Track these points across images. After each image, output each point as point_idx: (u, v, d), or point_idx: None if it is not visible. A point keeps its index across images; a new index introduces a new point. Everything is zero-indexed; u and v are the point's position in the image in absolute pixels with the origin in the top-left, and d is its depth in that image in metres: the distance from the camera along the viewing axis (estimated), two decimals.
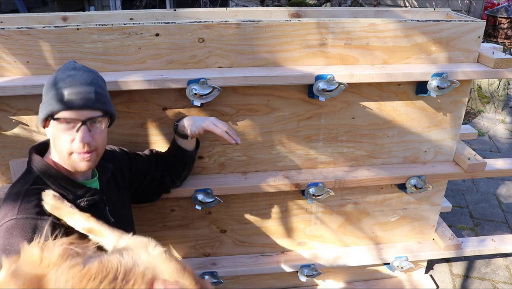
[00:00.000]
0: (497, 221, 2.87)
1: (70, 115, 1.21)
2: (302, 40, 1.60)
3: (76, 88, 1.21)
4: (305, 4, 6.13)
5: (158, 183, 1.65)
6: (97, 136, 1.26)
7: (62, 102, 1.20)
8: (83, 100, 1.22)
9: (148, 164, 1.62)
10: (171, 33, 1.53)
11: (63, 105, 1.20)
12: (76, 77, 1.23)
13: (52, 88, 1.23)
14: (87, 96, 1.22)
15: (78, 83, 1.22)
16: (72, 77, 1.23)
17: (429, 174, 1.86)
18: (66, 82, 1.22)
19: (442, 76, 1.61)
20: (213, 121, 1.55)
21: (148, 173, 1.61)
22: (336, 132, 1.80)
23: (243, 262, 2.03)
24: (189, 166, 1.70)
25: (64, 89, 1.21)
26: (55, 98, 1.21)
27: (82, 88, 1.22)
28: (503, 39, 6.31)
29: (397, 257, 2.07)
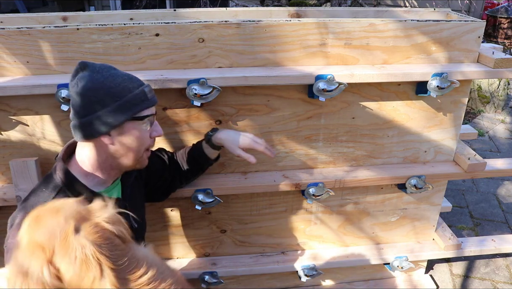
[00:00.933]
0: (497, 221, 2.87)
1: (151, 112, 1.27)
2: (302, 40, 1.60)
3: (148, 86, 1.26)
4: (305, 4, 6.13)
5: (168, 184, 1.66)
6: None
7: (147, 100, 1.24)
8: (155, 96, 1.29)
9: (163, 165, 1.62)
10: (171, 33, 1.53)
11: (149, 103, 1.25)
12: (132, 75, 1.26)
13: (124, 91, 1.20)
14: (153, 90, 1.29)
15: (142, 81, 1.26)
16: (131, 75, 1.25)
17: (429, 174, 1.86)
18: (138, 81, 1.24)
19: (442, 76, 1.61)
20: (253, 139, 1.57)
21: (163, 174, 1.61)
22: (336, 132, 1.80)
23: (243, 262, 2.03)
24: (203, 171, 1.72)
25: (144, 87, 1.24)
26: (138, 98, 1.22)
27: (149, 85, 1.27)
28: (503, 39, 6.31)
29: (397, 257, 2.07)
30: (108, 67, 1.23)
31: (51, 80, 1.50)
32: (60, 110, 1.52)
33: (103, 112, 1.18)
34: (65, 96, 1.47)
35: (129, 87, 1.21)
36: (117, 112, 1.19)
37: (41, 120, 1.61)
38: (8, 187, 1.71)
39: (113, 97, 1.18)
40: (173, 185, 1.68)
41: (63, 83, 1.46)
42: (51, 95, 1.49)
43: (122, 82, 1.20)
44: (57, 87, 1.47)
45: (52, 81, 1.49)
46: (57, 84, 1.47)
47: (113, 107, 1.18)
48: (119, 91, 1.19)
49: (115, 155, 1.26)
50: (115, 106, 1.18)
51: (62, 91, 1.46)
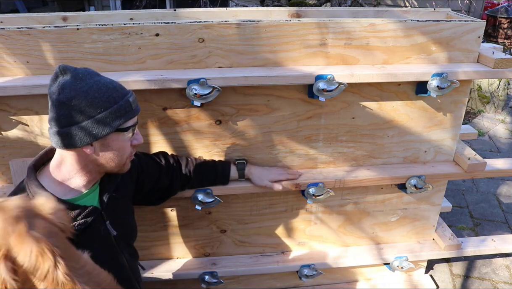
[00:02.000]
0: (497, 221, 2.87)
1: (135, 122, 1.25)
2: (302, 40, 1.60)
3: (132, 95, 1.23)
4: (305, 4, 6.13)
5: (166, 189, 1.65)
6: None
7: (131, 110, 1.21)
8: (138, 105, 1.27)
9: (159, 170, 1.61)
10: (171, 33, 1.53)
11: (133, 113, 1.22)
12: (117, 83, 1.21)
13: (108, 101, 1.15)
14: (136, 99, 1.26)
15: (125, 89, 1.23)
16: (115, 83, 1.20)
17: (429, 174, 1.86)
18: (122, 90, 1.20)
19: (442, 76, 1.61)
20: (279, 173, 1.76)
21: (158, 178, 1.61)
22: (336, 132, 1.80)
23: (243, 262, 2.03)
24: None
25: (125, 97, 1.19)
26: (123, 109, 1.18)
27: (133, 93, 1.24)
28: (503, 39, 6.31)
29: (397, 257, 2.07)
30: (91, 74, 1.18)
31: None
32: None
33: (86, 123, 1.13)
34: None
35: (114, 97, 1.16)
36: (100, 124, 1.15)
37: (41, 120, 1.61)
38: (8, 187, 1.71)
39: (97, 108, 1.13)
40: (172, 190, 1.67)
41: None
42: None
43: (107, 92, 1.15)
44: None
45: None
46: None
47: (97, 118, 1.14)
48: (103, 102, 1.14)
49: (95, 162, 1.24)
50: (99, 118, 1.14)
51: None
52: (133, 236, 1.55)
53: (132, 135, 1.27)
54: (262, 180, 1.73)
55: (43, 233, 0.87)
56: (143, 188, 1.59)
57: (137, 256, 1.58)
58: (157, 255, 2.01)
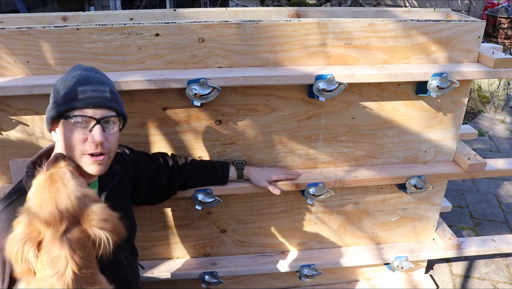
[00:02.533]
0: (497, 221, 2.87)
1: (84, 113, 1.17)
2: (302, 40, 1.60)
3: (91, 86, 1.19)
4: (305, 4, 6.13)
5: (165, 189, 1.65)
6: (110, 138, 1.22)
7: (76, 99, 1.17)
8: (99, 99, 1.19)
9: (157, 169, 1.61)
10: (171, 33, 1.53)
11: (77, 103, 1.16)
12: (90, 76, 1.22)
13: (63, 87, 1.19)
14: (103, 94, 1.20)
15: (93, 81, 1.20)
16: (86, 76, 1.21)
17: (429, 174, 1.86)
18: (79, 81, 1.19)
19: (442, 76, 1.61)
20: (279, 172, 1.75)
21: (155, 178, 1.61)
22: (336, 132, 1.80)
23: (243, 262, 2.03)
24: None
25: (79, 86, 1.18)
26: (68, 96, 1.17)
27: (97, 87, 1.20)
28: (503, 39, 6.30)
29: (397, 257, 2.07)
30: (81, 68, 1.25)
31: (51, 80, 1.49)
32: None
33: (49, 107, 1.23)
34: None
35: (68, 85, 1.19)
36: (50, 109, 1.22)
37: (41, 120, 1.61)
38: (8, 187, 1.71)
39: (52, 95, 1.22)
40: (170, 190, 1.68)
41: None
42: None
43: (67, 81, 1.20)
44: None
45: (52, 81, 1.47)
46: None
47: (52, 102, 1.22)
48: (56, 90, 1.22)
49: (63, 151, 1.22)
50: (52, 101, 1.22)
51: None
52: (133, 234, 1.55)
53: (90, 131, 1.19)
54: (261, 180, 1.73)
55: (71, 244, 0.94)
56: (141, 187, 1.59)
57: (137, 255, 1.57)
58: (157, 255, 2.01)
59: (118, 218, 1.03)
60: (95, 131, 1.18)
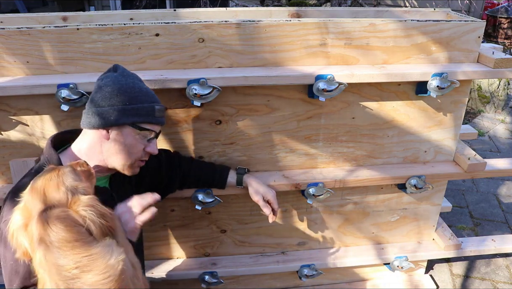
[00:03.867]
0: (497, 221, 2.87)
1: (153, 128, 1.35)
2: (302, 40, 1.60)
3: (161, 106, 1.35)
4: (305, 4, 6.13)
5: (165, 185, 1.66)
6: None
7: (152, 116, 1.32)
8: (164, 119, 1.39)
9: (158, 164, 1.62)
10: (171, 33, 1.53)
11: (152, 119, 1.32)
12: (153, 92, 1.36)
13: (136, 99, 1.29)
14: (164, 114, 1.39)
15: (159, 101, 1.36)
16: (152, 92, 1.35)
17: (429, 174, 1.86)
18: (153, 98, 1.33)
19: (442, 76, 1.61)
20: (274, 197, 1.69)
21: (158, 174, 1.62)
22: (336, 132, 1.80)
23: (243, 262, 2.03)
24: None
25: (155, 104, 1.33)
26: (145, 110, 1.30)
27: (164, 107, 1.38)
28: (503, 39, 6.30)
29: (397, 257, 2.07)
30: (136, 77, 1.34)
31: (51, 80, 1.50)
32: (60, 110, 1.52)
33: (108, 109, 1.27)
34: (65, 96, 1.47)
35: (142, 99, 1.30)
36: (120, 113, 1.27)
37: (41, 120, 1.61)
38: (8, 187, 1.71)
39: (123, 100, 1.27)
40: (170, 187, 1.68)
41: (63, 83, 1.46)
42: (51, 95, 1.49)
43: (138, 93, 1.30)
44: (57, 87, 1.47)
45: (52, 81, 1.49)
46: (57, 84, 1.47)
47: (119, 108, 1.27)
48: (130, 98, 1.28)
49: (107, 152, 1.32)
50: (121, 108, 1.27)
51: (62, 91, 1.46)
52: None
53: (148, 142, 1.36)
54: (257, 194, 1.69)
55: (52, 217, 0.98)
56: (143, 181, 1.60)
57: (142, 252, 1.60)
58: (157, 255, 2.01)
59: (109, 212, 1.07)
60: (154, 144, 1.38)
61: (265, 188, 1.70)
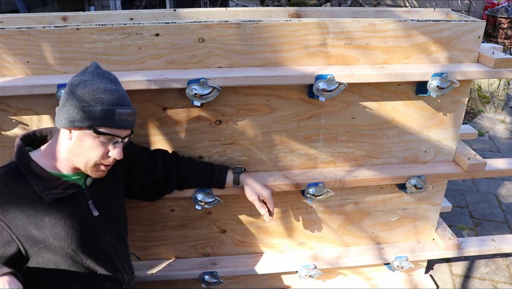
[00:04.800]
0: (497, 221, 2.87)
1: (114, 132, 1.28)
2: (302, 40, 1.60)
3: (125, 109, 1.28)
4: (305, 4, 6.13)
5: (161, 185, 1.66)
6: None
7: (112, 120, 1.25)
8: (129, 122, 1.30)
9: (153, 163, 1.62)
10: (171, 33, 1.53)
11: (112, 123, 1.26)
12: (122, 95, 1.29)
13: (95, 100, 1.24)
14: (132, 118, 1.31)
15: (126, 102, 1.29)
16: (119, 95, 1.28)
17: (429, 174, 1.86)
18: (115, 101, 1.26)
19: (442, 76, 1.61)
20: (269, 196, 1.69)
21: (151, 172, 1.62)
22: (336, 132, 1.80)
23: (243, 262, 2.03)
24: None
25: (116, 108, 1.26)
26: (104, 114, 1.24)
27: (130, 110, 1.29)
28: (503, 39, 6.31)
29: (397, 257, 2.07)
30: (108, 77, 1.28)
31: (51, 80, 1.50)
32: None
33: (70, 109, 1.24)
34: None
35: (105, 101, 1.24)
36: (79, 115, 1.24)
37: (40, 120, 1.61)
38: None
39: (83, 101, 1.24)
40: (166, 188, 1.68)
41: (63, 83, 1.46)
42: (51, 95, 1.49)
43: (102, 94, 1.24)
44: (57, 87, 1.47)
45: (52, 81, 1.49)
46: (57, 84, 1.47)
47: (80, 109, 1.23)
48: (91, 100, 1.24)
49: (69, 152, 1.30)
50: (81, 109, 1.23)
51: (62, 91, 1.46)
52: (120, 221, 1.56)
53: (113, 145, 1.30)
54: (252, 194, 1.69)
55: None
56: (135, 179, 1.60)
57: (125, 243, 1.58)
58: (157, 255, 2.01)
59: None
60: (118, 150, 1.31)
61: (261, 187, 1.69)
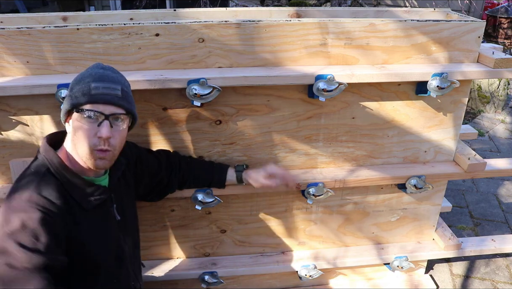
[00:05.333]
0: (497, 221, 2.87)
1: (95, 108, 1.22)
2: (302, 40, 1.60)
3: (104, 84, 1.24)
4: (305, 4, 6.13)
5: (165, 186, 1.67)
6: (117, 135, 1.27)
7: (88, 94, 1.22)
8: (110, 96, 1.24)
9: (158, 165, 1.63)
10: (171, 33, 1.53)
11: (89, 98, 1.22)
12: (105, 75, 1.27)
13: (79, 82, 1.25)
14: (114, 92, 1.25)
15: (106, 79, 1.26)
16: (101, 74, 1.27)
17: (429, 174, 1.86)
18: (94, 77, 1.24)
19: (442, 76, 1.61)
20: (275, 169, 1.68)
21: (158, 174, 1.62)
22: (336, 132, 1.80)
23: (243, 262, 2.03)
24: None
25: (92, 83, 1.23)
26: (81, 91, 1.23)
27: (110, 84, 1.25)
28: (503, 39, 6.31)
29: (397, 257, 2.07)
30: (100, 67, 1.29)
31: (51, 80, 1.50)
32: (60, 110, 1.52)
33: (66, 98, 1.28)
34: (65, 96, 1.47)
35: (83, 81, 1.25)
36: (67, 100, 1.25)
37: (41, 120, 1.61)
38: (8, 187, 1.71)
39: (71, 87, 1.27)
40: (169, 187, 1.68)
41: (63, 83, 1.46)
42: (51, 95, 1.49)
43: (84, 77, 1.26)
44: (57, 87, 1.47)
45: (52, 81, 1.49)
46: (57, 84, 1.47)
47: (68, 95, 1.26)
48: (74, 84, 1.26)
49: (73, 146, 1.27)
50: (68, 94, 1.26)
51: (62, 91, 1.46)
52: (135, 227, 1.59)
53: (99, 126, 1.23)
54: (258, 178, 1.67)
55: None
56: (141, 182, 1.60)
57: (139, 250, 1.61)
58: (157, 255, 2.01)
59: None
60: (103, 127, 1.23)
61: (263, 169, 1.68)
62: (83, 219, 1.29)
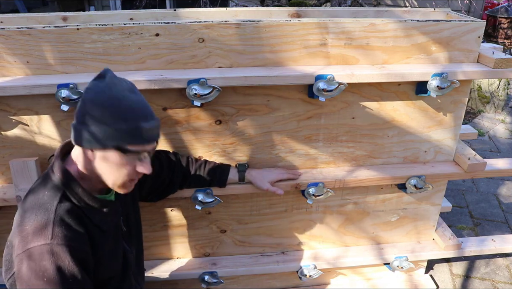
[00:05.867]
0: (497, 221, 2.87)
1: (142, 148, 1.19)
2: (302, 40, 1.60)
3: (151, 123, 1.19)
4: (305, 4, 6.13)
5: (166, 187, 1.67)
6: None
7: (140, 137, 1.17)
8: (156, 136, 1.23)
9: (160, 166, 1.63)
10: (171, 33, 1.53)
11: (141, 140, 1.18)
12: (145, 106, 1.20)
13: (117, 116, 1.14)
14: (158, 131, 1.25)
15: (150, 115, 1.20)
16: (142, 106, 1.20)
17: (429, 174, 1.86)
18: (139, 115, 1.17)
19: (442, 76, 1.61)
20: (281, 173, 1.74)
21: (158, 175, 1.62)
22: (336, 132, 1.80)
23: (243, 262, 2.03)
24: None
25: (142, 122, 1.16)
26: (131, 133, 1.15)
27: (156, 122, 1.22)
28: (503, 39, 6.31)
29: (397, 257, 2.07)
30: (125, 86, 1.19)
31: (51, 80, 1.50)
32: (60, 110, 1.52)
33: (92, 128, 1.14)
34: (65, 96, 1.47)
35: (127, 117, 1.15)
36: (103, 136, 1.14)
37: (40, 120, 1.61)
38: (8, 187, 1.71)
39: (105, 119, 1.14)
40: (171, 188, 1.69)
41: (63, 83, 1.46)
42: (51, 95, 1.49)
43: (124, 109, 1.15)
44: (57, 87, 1.47)
45: (52, 81, 1.49)
46: (57, 84, 1.47)
47: (102, 129, 1.14)
48: (113, 116, 1.14)
49: (95, 171, 1.22)
50: (103, 129, 1.14)
51: (62, 91, 1.46)
52: (139, 235, 1.59)
53: (140, 162, 1.22)
54: (264, 183, 1.71)
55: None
56: (144, 184, 1.60)
57: (142, 258, 1.61)
58: (157, 255, 2.01)
59: None
60: (147, 164, 1.23)
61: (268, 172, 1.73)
62: (101, 239, 1.27)
